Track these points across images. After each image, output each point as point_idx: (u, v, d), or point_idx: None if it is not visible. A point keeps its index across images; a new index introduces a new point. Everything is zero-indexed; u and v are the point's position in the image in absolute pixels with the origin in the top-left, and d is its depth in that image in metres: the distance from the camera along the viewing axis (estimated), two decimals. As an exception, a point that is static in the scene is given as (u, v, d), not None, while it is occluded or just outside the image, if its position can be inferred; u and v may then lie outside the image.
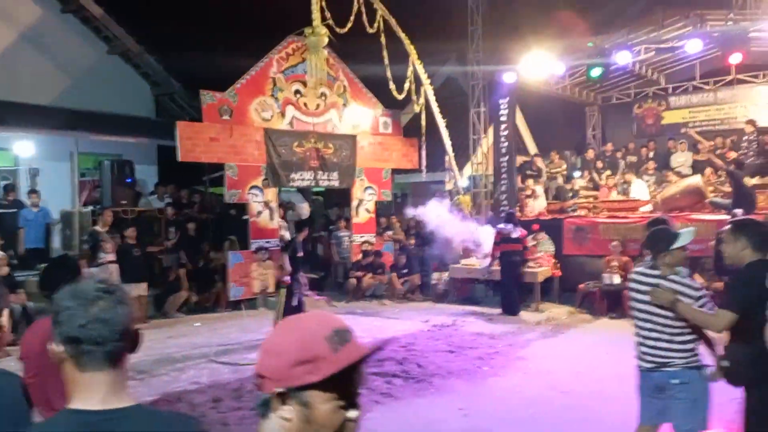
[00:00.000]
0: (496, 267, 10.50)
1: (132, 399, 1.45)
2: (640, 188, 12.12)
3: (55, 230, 11.14)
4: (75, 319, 1.38)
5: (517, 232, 10.30)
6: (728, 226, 3.62)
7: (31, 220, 10.52)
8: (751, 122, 12.28)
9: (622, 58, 11.71)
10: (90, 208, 10.84)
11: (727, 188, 10.73)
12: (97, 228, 9.00)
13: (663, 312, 3.52)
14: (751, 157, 11.72)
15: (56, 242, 11.13)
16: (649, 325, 3.57)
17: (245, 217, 11.26)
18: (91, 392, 1.39)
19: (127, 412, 1.41)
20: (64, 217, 10.94)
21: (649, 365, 3.59)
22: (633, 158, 13.84)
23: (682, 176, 12.07)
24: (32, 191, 10.96)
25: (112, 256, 8.81)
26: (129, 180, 11.30)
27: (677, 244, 3.64)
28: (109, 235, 9.07)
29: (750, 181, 10.74)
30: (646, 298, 3.57)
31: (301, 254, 8.40)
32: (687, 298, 3.51)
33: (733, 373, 3.49)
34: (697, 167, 12.41)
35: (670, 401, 3.59)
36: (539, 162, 14.08)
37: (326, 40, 11.25)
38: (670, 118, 14.92)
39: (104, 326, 1.38)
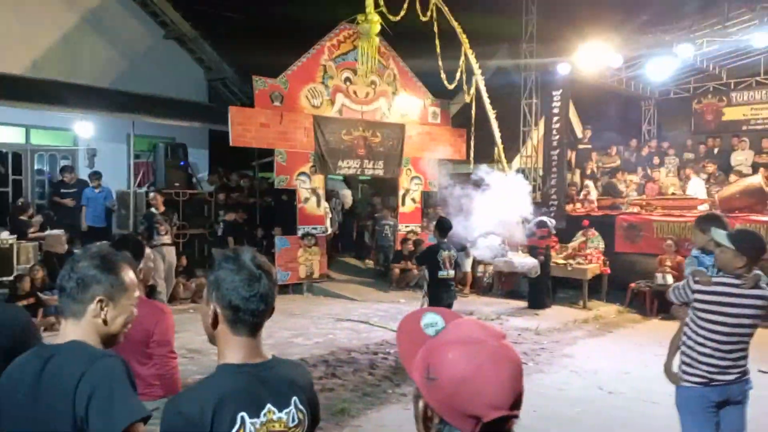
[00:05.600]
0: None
1: (268, 353, 1.74)
2: (697, 186, 11.71)
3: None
4: (241, 291, 1.63)
5: (537, 234, 10.26)
6: None
7: (91, 198, 10.83)
8: None
9: (684, 51, 11.29)
10: (144, 189, 11.13)
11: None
12: (153, 210, 9.20)
13: (748, 330, 3.48)
14: None
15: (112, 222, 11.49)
16: (734, 339, 3.46)
17: (295, 203, 11.39)
18: (245, 350, 1.68)
19: (273, 363, 1.72)
20: (120, 197, 11.28)
21: (730, 377, 3.50)
22: (690, 155, 13.39)
23: (742, 175, 11.62)
24: (94, 173, 11.31)
25: (167, 238, 9.00)
26: (182, 163, 11.55)
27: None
28: (164, 218, 9.27)
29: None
30: (735, 311, 3.42)
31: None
32: None
33: None
34: (757, 167, 11.94)
35: (739, 411, 3.57)
36: (587, 134, 13.86)
37: (379, 27, 11.21)
38: (730, 114, 14.36)
39: (261, 302, 1.66)
